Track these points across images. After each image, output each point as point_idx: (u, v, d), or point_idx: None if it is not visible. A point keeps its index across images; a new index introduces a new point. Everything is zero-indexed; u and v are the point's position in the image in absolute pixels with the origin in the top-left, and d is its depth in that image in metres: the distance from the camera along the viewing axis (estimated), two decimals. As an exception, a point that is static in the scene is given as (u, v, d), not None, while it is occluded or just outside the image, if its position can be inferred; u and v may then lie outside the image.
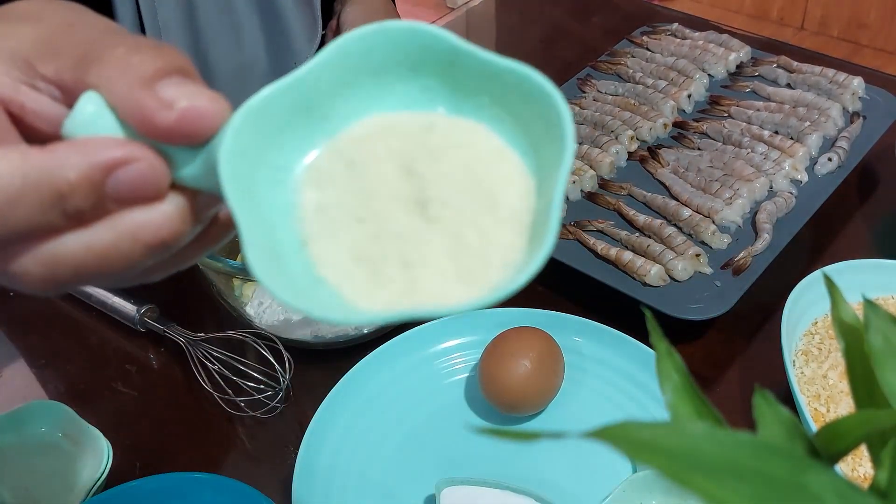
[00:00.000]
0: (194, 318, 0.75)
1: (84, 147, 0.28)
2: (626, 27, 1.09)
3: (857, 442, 0.28)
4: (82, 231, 0.28)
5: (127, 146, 0.28)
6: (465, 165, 0.30)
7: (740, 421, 0.64)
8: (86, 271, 0.29)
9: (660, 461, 0.26)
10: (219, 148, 0.28)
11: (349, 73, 0.30)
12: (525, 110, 0.30)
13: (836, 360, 0.66)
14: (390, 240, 0.29)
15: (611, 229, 0.78)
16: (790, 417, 0.29)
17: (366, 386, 0.67)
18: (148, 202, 0.29)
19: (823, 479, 0.25)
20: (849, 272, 0.69)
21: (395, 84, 0.31)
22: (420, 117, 0.31)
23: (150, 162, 0.28)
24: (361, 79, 0.31)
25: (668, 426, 0.26)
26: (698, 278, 0.73)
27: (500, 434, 0.28)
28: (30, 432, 0.65)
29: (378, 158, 0.30)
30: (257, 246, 0.28)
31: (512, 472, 0.61)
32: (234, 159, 0.28)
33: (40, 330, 0.79)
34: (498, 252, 0.29)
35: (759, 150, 0.84)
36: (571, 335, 0.70)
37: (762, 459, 0.25)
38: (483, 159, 0.30)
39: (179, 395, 0.71)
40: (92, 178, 0.27)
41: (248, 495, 0.57)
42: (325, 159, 0.31)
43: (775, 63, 0.98)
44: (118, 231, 0.28)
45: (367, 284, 0.29)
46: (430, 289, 0.29)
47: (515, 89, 0.29)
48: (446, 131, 0.31)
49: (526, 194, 0.30)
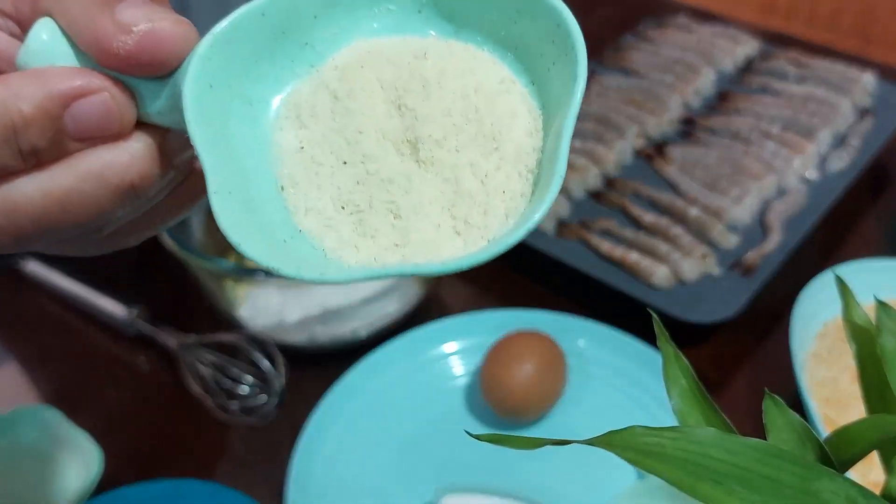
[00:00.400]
0: (186, 321, 0.74)
1: (39, 76, 0.25)
2: (632, 20, 1.08)
3: (869, 447, 0.28)
4: (40, 173, 0.26)
5: (86, 75, 0.26)
6: (464, 97, 0.27)
7: (749, 426, 0.62)
8: (46, 220, 0.26)
9: (666, 468, 0.25)
10: (183, 79, 0.25)
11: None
12: (529, 33, 0.27)
13: (848, 363, 0.65)
14: (378, 186, 0.27)
15: (616, 229, 0.77)
16: (801, 423, 0.28)
17: (362, 390, 0.66)
18: (112, 140, 0.26)
19: (835, 485, 0.24)
20: (861, 273, 0.68)
21: (385, 2, 0.28)
22: (413, 42, 0.28)
23: (111, 93, 0.26)
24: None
25: (675, 432, 0.26)
26: (706, 279, 0.71)
27: (502, 441, 0.27)
28: (18, 437, 0.64)
29: (365, 90, 0.27)
30: (226, 192, 0.25)
31: (513, 479, 0.60)
32: (202, 92, 0.25)
33: (29, 333, 0.78)
34: (500, 199, 0.26)
35: (768, 146, 0.83)
36: (575, 337, 0.68)
37: (772, 466, 0.24)
38: (484, 90, 0.27)
39: (170, 400, 0.70)
40: (48, 111, 0.25)
41: (240, 502, 0.57)
42: (307, 92, 0.28)
43: (784, 57, 0.96)
44: (80, 172, 0.26)
45: (352, 235, 0.26)
46: (423, 241, 0.26)
47: (518, 8, 0.27)
48: (442, 57, 0.28)
49: (533, 131, 0.27)
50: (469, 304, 0.74)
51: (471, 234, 0.26)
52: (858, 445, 0.27)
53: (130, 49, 0.25)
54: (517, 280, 0.78)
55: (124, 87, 0.26)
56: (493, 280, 0.78)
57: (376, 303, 0.69)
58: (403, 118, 0.27)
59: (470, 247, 0.26)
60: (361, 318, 0.69)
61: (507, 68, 0.28)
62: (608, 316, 0.70)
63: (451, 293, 0.78)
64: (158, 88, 0.26)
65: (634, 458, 0.25)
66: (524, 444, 0.26)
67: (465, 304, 0.76)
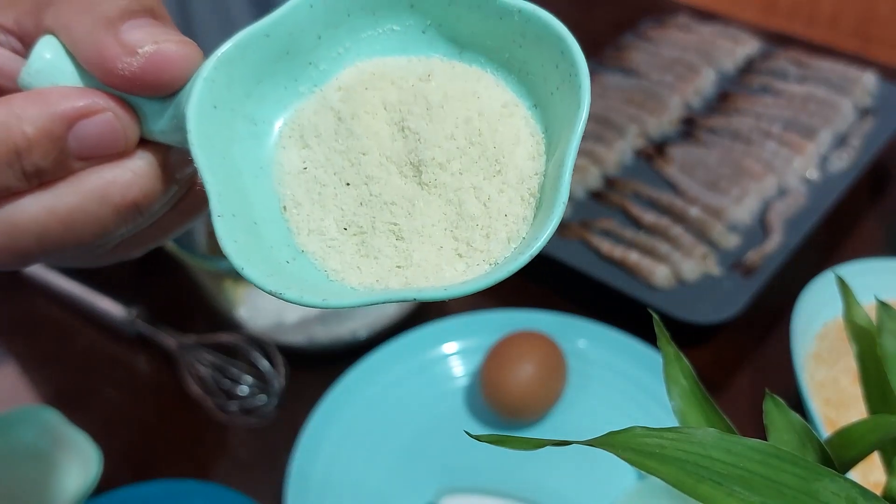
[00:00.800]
0: (185, 321, 0.74)
1: (42, 97, 0.25)
2: (632, 19, 1.07)
3: (870, 448, 0.27)
4: (43, 193, 0.26)
5: (90, 95, 0.26)
6: (468, 121, 0.27)
7: (750, 427, 0.63)
8: (50, 239, 0.26)
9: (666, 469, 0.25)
10: (187, 100, 0.25)
11: (336, 13, 0.27)
12: (533, 57, 0.27)
13: (849, 363, 0.65)
14: (382, 208, 0.26)
15: (616, 229, 0.77)
16: (801, 423, 0.28)
17: (362, 391, 0.66)
18: (115, 159, 0.26)
19: (835, 486, 0.24)
20: (861, 273, 0.68)
21: (388, 23, 0.28)
22: (417, 63, 0.28)
23: (115, 113, 0.26)
24: (350, 17, 0.28)
25: (676, 433, 0.25)
26: (706, 279, 0.71)
27: (502, 442, 0.26)
28: (17, 437, 0.64)
29: (369, 112, 0.27)
30: (230, 214, 0.25)
31: (513, 480, 0.60)
32: (206, 113, 0.25)
33: (28, 333, 0.78)
34: (502, 223, 0.26)
35: (768, 146, 0.83)
36: (575, 338, 0.68)
37: (773, 467, 0.24)
38: (487, 114, 0.27)
39: (170, 400, 0.70)
40: (52, 132, 0.25)
41: (239, 503, 0.57)
42: (311, 112, 0.28)
43: (784, 57, 0.96)
44: (84, 191, 0.26)
45: (355, 257, 0.26)
46: (425, 263, 0.26)
47: (522, 32, 0.26)
48: (446, 79, 0.28)
49: (536, 155, 0.27)
50: (469, 305, 0.74)
51: (473, 257, 0.26)
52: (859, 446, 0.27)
53: (135, 70, 0.25)
54: (517, 280, 0.77)
55: (128, 106, 0.26)
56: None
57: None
58: (407, 141, 0.27)
59: (472, 270, 0.26)
60: (360, 318, 0.69)
61: (511, 91, 0.27)
62: (608, 316, 0.70)
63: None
64: (162, 108, 0.26)
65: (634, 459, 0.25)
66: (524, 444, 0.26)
67: (464, 304, 0.75)
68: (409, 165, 0.27)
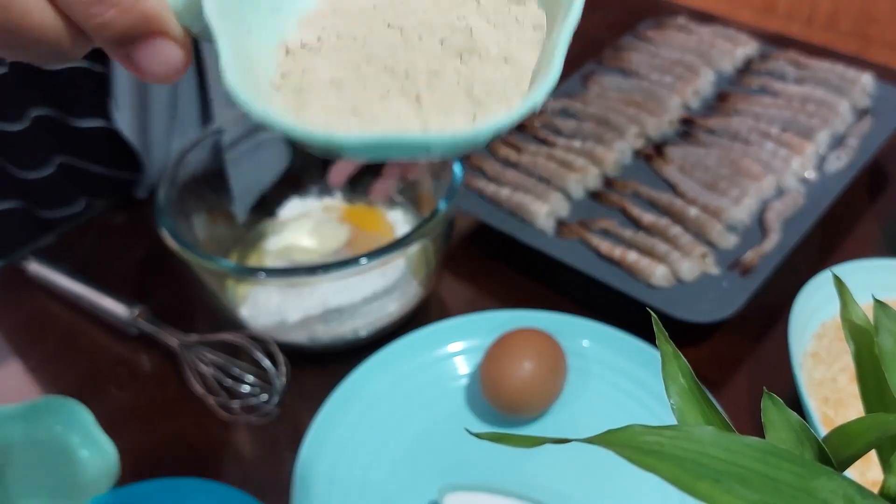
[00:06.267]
0: (187, 320, 0.74)
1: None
2: (631, 21, 1.08)
3: (867, 446, 0.28)
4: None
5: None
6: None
7: (748, 425, 0.63)
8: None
9: (665, 467, 0.25)
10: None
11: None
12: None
13: (846, 362, 0.65)
14: (375, 71, 0.27)
15: (616, 229, 0.77)
16: (799, 422, 0.28)
17: (365, 390, 0.66)
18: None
19: (833, 484, 0.24)
20: (859, 272, 0.68)
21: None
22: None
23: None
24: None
25: (674, 431, 0.26)
26: (705, 279, 0.72)
27: (502, 440, 0.27)
28: (46, 427, 0.63)
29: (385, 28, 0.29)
30: (235, 46, 0.26)
31: (516, 477, 0.60)
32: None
33: (31, 332, 0.78)
34: (502, 86, 0.27)
35: (767, 147, 0.83)
36: (575, 336, 0.69)
37: (770, 465, 0.24)
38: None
39: (172, 399, 0.70)
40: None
41: (243, 501, 0.57)
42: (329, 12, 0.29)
43: (783, 58, 0.96)
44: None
45: (341, 105, 0.27)
46: (438, 102, 0.27)
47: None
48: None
49: (536, 26, 0.28)
50: (469, 305, 0.75)
51: (473, 113, 0.27)
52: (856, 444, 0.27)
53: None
54: (517, 280, 0.78)
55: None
56: (493, 280, 0.78)
57: (377, 302, 0.69)
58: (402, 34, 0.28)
59: (462, 122, 0.26)
60: (362, 317, 0.69)
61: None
62: (607, 315, 0.70)
63: (451, 293, 0.78)
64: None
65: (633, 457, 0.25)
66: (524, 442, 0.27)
67: (465, 304, 0.76)
68: (398, 30, 0.28)
